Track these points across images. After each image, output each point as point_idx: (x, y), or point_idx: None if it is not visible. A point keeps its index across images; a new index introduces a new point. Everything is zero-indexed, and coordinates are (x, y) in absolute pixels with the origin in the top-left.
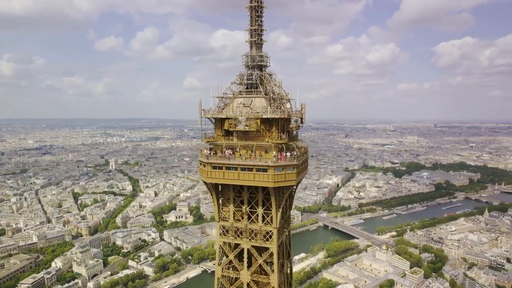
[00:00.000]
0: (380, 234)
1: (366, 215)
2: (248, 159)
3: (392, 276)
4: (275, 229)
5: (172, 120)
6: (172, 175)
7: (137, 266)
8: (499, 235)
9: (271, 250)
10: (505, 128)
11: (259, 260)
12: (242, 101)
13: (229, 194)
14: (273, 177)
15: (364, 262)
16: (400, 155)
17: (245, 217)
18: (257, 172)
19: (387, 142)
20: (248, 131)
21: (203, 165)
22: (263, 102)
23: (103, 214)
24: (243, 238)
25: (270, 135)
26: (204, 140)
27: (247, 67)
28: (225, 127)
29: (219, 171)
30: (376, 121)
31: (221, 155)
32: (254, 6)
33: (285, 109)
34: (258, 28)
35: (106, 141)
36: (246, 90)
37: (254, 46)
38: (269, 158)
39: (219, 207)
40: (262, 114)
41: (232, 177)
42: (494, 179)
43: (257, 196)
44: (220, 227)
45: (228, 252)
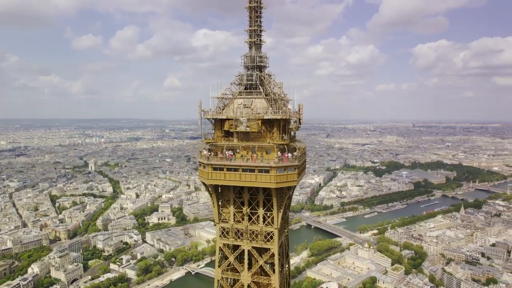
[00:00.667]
0: (362, 232)
1: (348, 214)
2: (249, 160)
3: (374, 273)
4: (276, 230)
5: (153, 120)
6: (154, 176)
7: (119, 270)
8: (474, 231)
9: (272, 250)
10: (478, 128)
11: (260, 261)
12: (243, 101)
13: (229, 196)
14: (275, 178)
15: (347, 260)
16: (380, 155)
17: (246, 218)
18: (259, 173)
19: (367, 142)
20: (249, 132)
21: (203, 166)
22: (264, 103)
23: (82, 216)
24: (244, 239)
25: (271, 136)
26: (204, 141)
27: (246, 68)
28: (225, 128)
29: (220, 173)
30: (356, 121)
31: (222, 156)
32: (254, 7)
33: (287, 110)
34: (257, 28)
35: (85, 142)
36: (245, 91)
37: (254, 46)
38: (271, 159)
39: (219, 208)
40: (263, 115)
41: (234, 178)
42: (469, 177)
43: (258, 197)
44: (220, 228)
45: (228, 254)
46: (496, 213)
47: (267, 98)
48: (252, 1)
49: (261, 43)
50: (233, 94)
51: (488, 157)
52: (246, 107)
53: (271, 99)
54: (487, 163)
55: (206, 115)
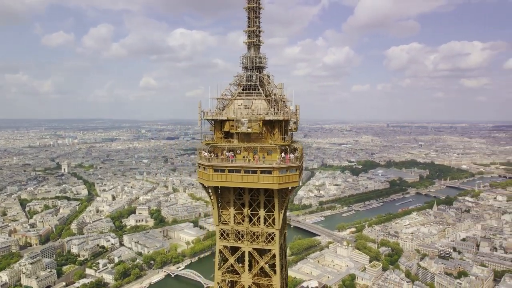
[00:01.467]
0: (340, 231)
1: (327, 213)
2: (252, 161)
3: (353, 270)
4: (277, 231)
5: (129, 121)
6: (130, 178)
7: (96, 274)
8: (446, 227)
9: (273, 251)
10: (448, 127)
11: (260, 263)
12: (243, 102)
13: (229, 197)
14: (278, 179)
15: (327, 259)
16: (356, 154)
17: (247, 220)
18: (261, 174)
19: (344, 141)
20: (250, 133)
21: (203, 168)
22: (264, 104)
23: (55, 221)
24: (244, 241)
25: (272, 137)
26: (203, 142)
27: (245, 69)
28: (225, 129)
29: (221, 174)
30: (332, 121)
31: (223, 157)
32: (253, 7)
33: (288, 110)
34: (256, 29)
35: (57, 143)
36: (245, 92)
37: (253, 47)
38: (272, 160)
39: (219, 210)
40: (265, 116)
41: (236, 179)
42: (440, 175)
43: (259, 198)
44: (220, 231)
45: (228, 256)
46: (465, 209)
47: (267, 99)
48: (251, 2)
49: (260, 44)
50: (232, 95)
51: (457, 156)
52: (246, 108)
53: (272, 100)
54: (456, 161)
55: (206, 116)
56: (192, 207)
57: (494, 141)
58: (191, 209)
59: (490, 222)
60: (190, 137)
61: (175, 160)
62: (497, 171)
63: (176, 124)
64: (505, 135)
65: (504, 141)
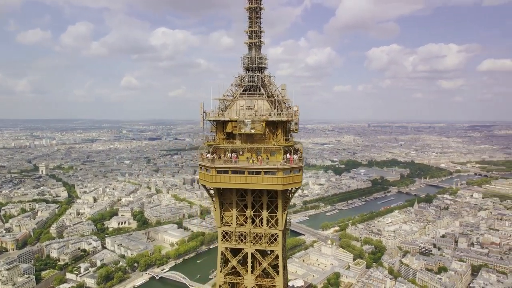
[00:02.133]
0: (324, 230)
1: (311, 212)
2: (256, 162)
3: (338, 268)
4: (281, 232)
5: (109, 121)
6: (112, 179)
7: (77, 279)
8: (427, 224)
9: (276, 252)
10: (427, 127)
11: (263, 264)
12: (245, 103)
13: (231, 199)
14: (282, 180)
15: (311, 258)
16: (338, 154)
17: (249, 221)
18: (265, 175)
19: (326, 141)
20: (252, 134)
21: (205, 169)
22: (266, 105)
23: (33, 224)
24: (247, 242)
25: (275, 137)
26: (206, 143)
27: (246, 69)
28: (228, 129)
29: (224, 176)
30: (315, 121)
31: (226, 158)
32: (254, 8)
33: (291, 111)
34: (257, 29)
35: (34, 144)
36: (247, 92)
37: (254, 48)
38: (276, 161)
39: (221, 212)
40: (268, 117)
41: (239, 181)
42: (420, 174)
43: (262, 199)
44: (222, 232)
45: (230, 258)
46: (444, 206)
47: (270, 100)
48: (252, 2)
49: (261, 44)
50: (234, 96)
51: (436, 155)
52: (249, 108)
53: (274, 101)
54: (435, 160)
55: (208, 117)
56: (176, 208)
57: (470, 141)
58: (175, 210)
59: (468, 218)
60: (172, 137)
61: (157, 161)
62: (473, 170)
63: (158, 124)
64: (479, 135)
65: (479, 140)
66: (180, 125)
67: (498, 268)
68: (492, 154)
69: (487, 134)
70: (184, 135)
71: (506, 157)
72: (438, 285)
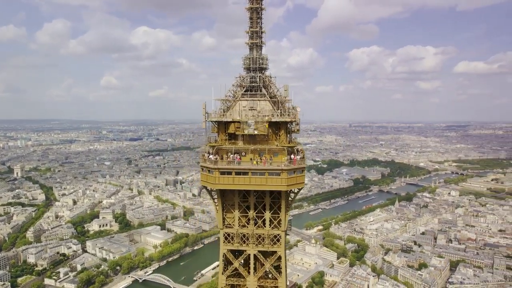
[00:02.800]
0: (308, 229)
1: (294, 212)
2: (260, 163)
3: (322, 267)
4: (283, 232)
5: (89, 121)
6: (92, 181)
7: (56, 284)
8: (407, 222)
9: (279, 253)
10: (406, 127)
11: (266, 265)
12: (248, 104)
13: (233, 200)
14: (286, 181)
15: (296, 257)
16: (321, 153)
17: (252, 222)
18: (269, 176)
19: (309, 141)
20: (255, 135)
21: (208, 170)
22: (268, 105)
23: (8, 229)
24: (250, 244)
25: (278, 138)
26: (208, 144)
27: (247, 70)
28: (230, 130)
29: (227, 177)
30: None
31: (229, 160)
32: (255, 8)
33: (295, 112)
34: (259, 30)
35: (8, 145)
36: (249, 93)
37: (255, 48)
38: (278, 162)
39: (223, 214)
40: (271, 118)
41: (243, 182)
42: (400, 173)
43: (264, 200)
44: (224, 234)
45: (232, 260)
46: (424, 204)
47: (272, 101)
48: (254, 2)
49: (262, 45)
50: (236, 96)
51: (415, 154)
52: (252, 109)
53: (277, 102)
54: (414, 159)
55: (210, 118)
56: (158, 210)
57: (446, 140)
58: (157, 211)
59: (446, 216)
60: (154, 138)
61: (139, 162)
62: (450, 168)
63: (139, 124)
64: (456, 134)
65: (455, 140)
66: (162, 126)
67: (475, 263)
68: (467, 153)
69: (463, 134)
70: (166, 135)
71: (480, 156)
72: (419, 281)
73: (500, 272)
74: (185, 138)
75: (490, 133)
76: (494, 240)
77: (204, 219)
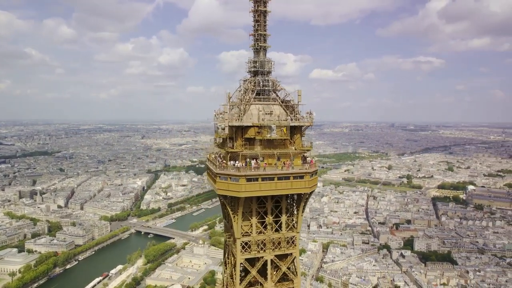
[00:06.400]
0: (193, 230)
1: (177, 214)
2: (284, 167)
3: (212, 266)
4: (298, 234)
5: None
6: None
7: None
8: None
9: (294, 255)
10: None
11: (282, 268)
12: (263, 108)
13: (251, 207)
14: (309, 183)
15: (184, 260)
16: (197, 153)
17: (269, 228)
18: (294, 180)
19: (184, 141)
20: (272, 140)
21: (229, 178)
22: (281, 109)
23: None
24: (267, 249)
25: (293, 142)
26: (226, 149)
27: (254, 73)
28: (249, 135)
29: (254, 184)
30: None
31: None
32: (263, 11)
33: (312, 116)
34: (265, 33)
35: None
36: (261, 97)
37: (262, 51)
38: (300, 166)
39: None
40: (290, 122)
41: (269, 187)
42: None
43: (281, 204)
44: (241, 243)
45: (249, 268)
46: None
47: (285, 105)
48: (261, 5)
49: (267, 48)
50: (248, 100)
51: None
52: (269, 113)
53: (289, 106)
54: None
55: (230, 122)
56: (12, 229)
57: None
58: (11, 231)
59: (315, 204)
60: None
61: None
62: None
63: None
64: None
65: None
66: (5, 127)
67: (340, 242)
68: (325, 149)
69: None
70: (12, 139)
71: (335, 151)
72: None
73: (358, 247)
74: (40, 141)
75: (339, 131)
76: (352, 221)
77: (76, 232)
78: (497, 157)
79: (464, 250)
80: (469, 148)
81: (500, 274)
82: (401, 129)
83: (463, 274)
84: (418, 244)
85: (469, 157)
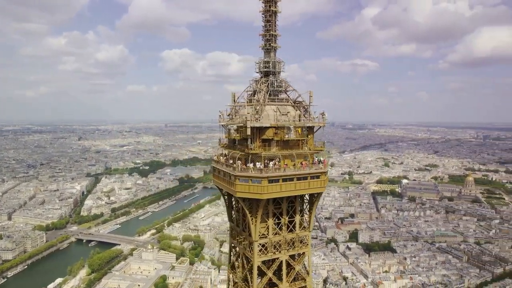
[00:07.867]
0: (141, 235)
1: (122, 219)
2: (301, 168)
3: (163, 271)
4: (310, 233)
5: None
6: None
7: None
8: None
9: (306, 254)
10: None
11: (296, 267)
12: (278, 109)
13: (268, 208)
14: (323, 182)
15: (133, 266)
16: (140, 155)
17: (284, 228)
18: (311, 180)
19: (125, 142)
20: (288, 140)
21: (250, 180)
22: (293, 110)
23: None
24: (282, 250)
25: (306, 142)
26: (248, 150)
27: (264, 74)
28: (267, 136)
29: (275, 185)
30: (109, 122)
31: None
32: (274, 11)
33: (325, 117)
34: (276, 34)
35: None
36: (276, 98)
37: (273, 51)
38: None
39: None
40: (306, 123)
41: (290, 188)
42: None
43: (295, 204)
44: (258, 246)
45: (265, 270)
46: None
47: (297, 106)
48: (272, 5)
49: (277, 48)
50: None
51: None
52: (285, 114)
53: (301, 106)
54: None
55: (251, 123)
56: None
57: None
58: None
59: None
60: None
61: None
62: None
63: None
64: None
65: None
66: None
67: None
68: None
69: None
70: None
71: None
72: None
73: None
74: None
75: None
76: None
77: (4, 245)
78: (424, 153)
79: (402, 238)
80: (401, 145)
81: (431, 258)
82: (341, 128)
83: (401, 260)
84: (362, 236)
85: (402, 153)
